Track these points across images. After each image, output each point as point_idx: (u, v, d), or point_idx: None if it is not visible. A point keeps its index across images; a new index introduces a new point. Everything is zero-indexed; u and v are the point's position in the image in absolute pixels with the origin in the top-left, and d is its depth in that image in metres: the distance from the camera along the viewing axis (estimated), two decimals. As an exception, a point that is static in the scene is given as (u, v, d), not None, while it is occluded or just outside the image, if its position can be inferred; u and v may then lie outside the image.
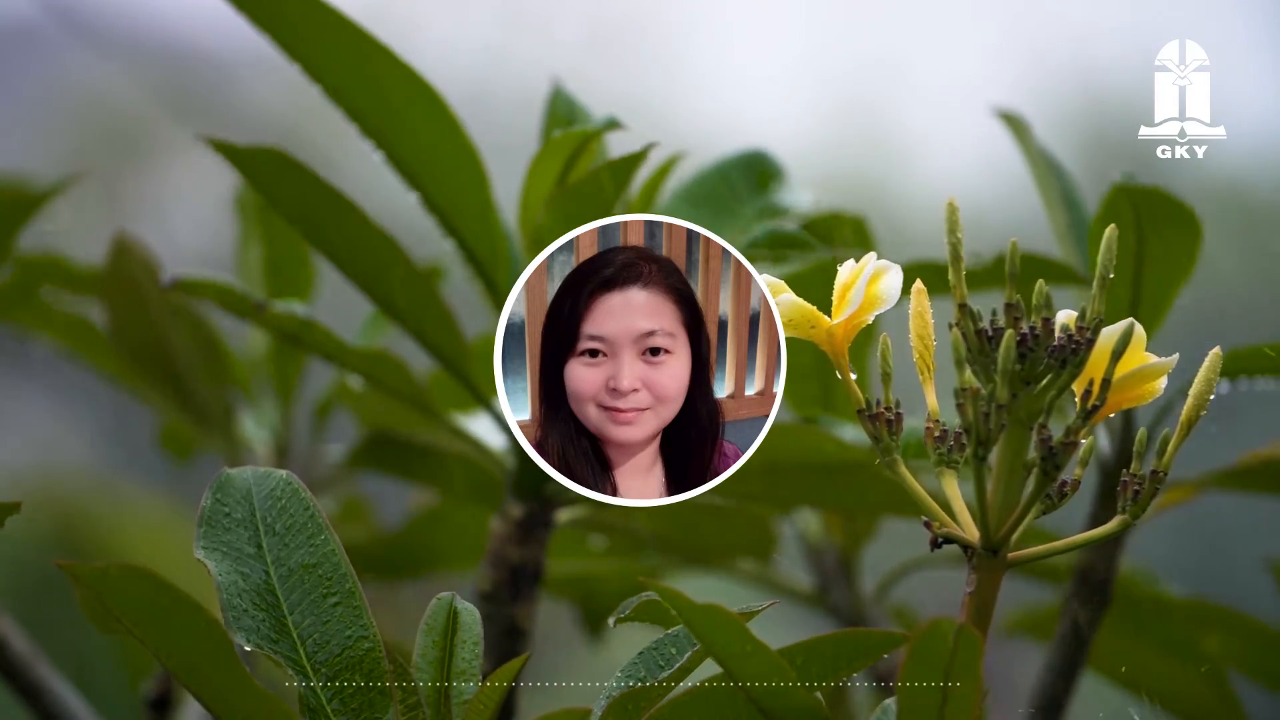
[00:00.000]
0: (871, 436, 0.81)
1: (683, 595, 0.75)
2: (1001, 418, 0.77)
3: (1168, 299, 1.17)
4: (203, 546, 0.81)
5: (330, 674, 0.81)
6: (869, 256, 0.82)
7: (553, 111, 1.21)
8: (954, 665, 0.74)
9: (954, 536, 0.80)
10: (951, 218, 0.80)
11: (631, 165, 1.09)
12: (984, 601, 0.79)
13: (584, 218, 1.08)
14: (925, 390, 0.81)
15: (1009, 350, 0.77)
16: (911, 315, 0.81)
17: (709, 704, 0.78)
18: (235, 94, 2.62)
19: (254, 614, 0.81)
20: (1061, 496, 0.79)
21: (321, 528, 0.83)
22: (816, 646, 0.79)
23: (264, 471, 0.84)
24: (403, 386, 1.21)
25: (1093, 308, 0.79)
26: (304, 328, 1.17)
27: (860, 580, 1.46)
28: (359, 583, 0.82)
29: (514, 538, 1.19)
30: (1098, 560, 1.25)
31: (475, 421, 1.33)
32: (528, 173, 1.15)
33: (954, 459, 0.79)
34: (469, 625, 0.82)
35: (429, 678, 0.81)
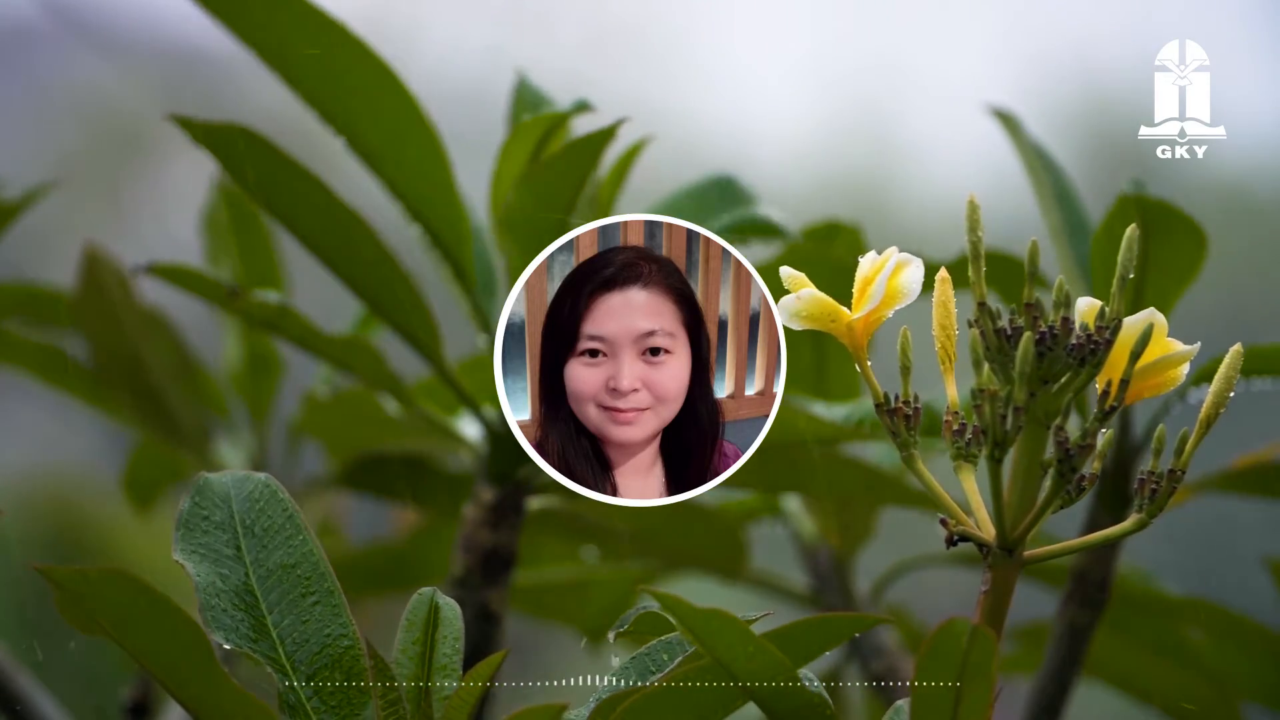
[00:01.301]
0: (890, 431, 0.80)
1: (684, 601, 0.75)
2: (1019, 419, 0.77)
3: (1168, 305, 1.17)
4: (181, 549, 0.81)
5: (309, 672, 0.82)
6: (890, 250, 0.81)
7: (519, 101, 1.20)
8: (968, 664, 0.74)
9: (970, 535, 0.79)
10: (972, 215, 0.79)
11: (599, 142, 1.09)
12: (999, 600, 0.78)
13: (553, 196, 1.08)
14: (946, 381, 0.80)
15: (1027, 350, 0.76)
16: (935, 304, 0.80)
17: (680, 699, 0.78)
18: (234, 93, 2.61)
19: (233, 614, 0.81)
20: (1080, 492, 0.79)
21: (300, 529, 0.84)
22: (790, 632, 0.79)
23: (243, 475, 0.84)
24: (378, 375, 1.20)
25: (1113, 307, 0.78)
26: (279, 315, 1.17)
27: (855, 581, 1.46)
28: (338, 583, 0.82)
29: (486, 522, 1.18)
30: (1095, 561, 1.25)
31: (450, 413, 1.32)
32: (498, 157, 1.14)
33: (973, 453, 0.79)
34: (450, 621, 0.83)
35: (410, 674, 0.81)
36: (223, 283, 1.17)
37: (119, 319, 1.38)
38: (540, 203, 1.10)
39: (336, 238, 1.12)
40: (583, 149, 1.09)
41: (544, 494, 1.20)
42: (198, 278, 1.18)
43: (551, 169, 1.10)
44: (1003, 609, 0.79)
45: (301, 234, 1.13)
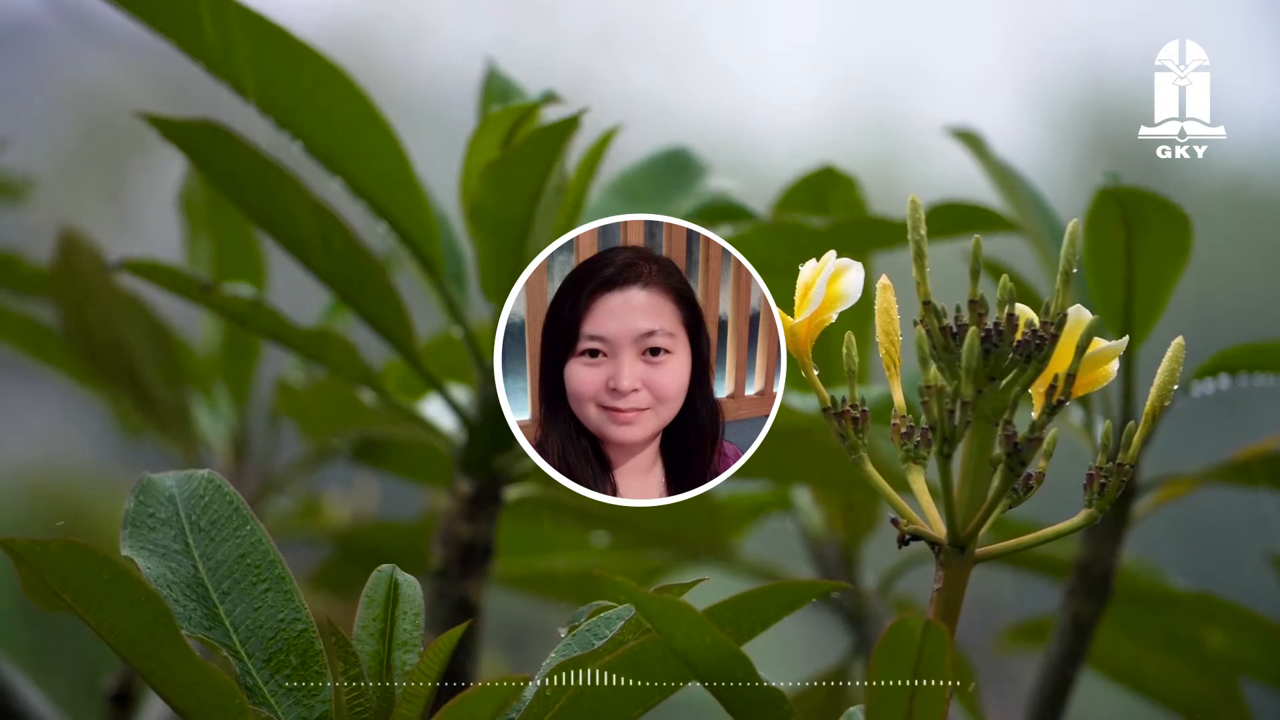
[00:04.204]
0: (838, 435, 0.80)
1: (640, 589, 0.75)
2: (966, 414, 0.77)
3: (1162, 296, 1.16)
4: (130, 545, 0.82)
5: (265, 656, 0.82)
6: (829, 255, 0.82)
7: (488, 91, 1.19)
8: (922, 660, 0.74)
9: (921, 533, 0.79)
10: (914, 215, 0.79)
11: (565, 131, 1.08)
12: (952, 598, 0.79)
13: (519, 186, 1.07)
14: (892, 386, 0.81)
15: (973, 347, 0.77)
16: (877, 311, 0.81)
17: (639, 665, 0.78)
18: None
19: (185, 603, 0.82)
20: (1027, 490, 0.79)
21: (247, 519, 0.84)
22: (744, 601, 0.79)
23: (186, 474, 0.85)
24: (350, 367, 1.19)
25: (1057, 303, 0.78)
26: (251, 309, 1.16)
27: (862, 574, 1.45)
28: (287, 568, 0.83)
29: (464, 514, 1.18)
30: (1098, 554, 1.25)
31: (424, 402, 1.32)
32: (466, 149, 1.14)
33: (921, 454, 0.79)
34: (410, 597, 0.83)
35: (370, 647, 0.81)
36: (195, 278, 1.17)
37: (95, 302, 1.39)
38: (505, 193, 1.10)
39: (306, 230, 1.12)
40: (546, 139, 1.08)
41: (521, 483, 1.20)
42: (171, 273, 1.18)
43: (515, 159, 1.09)
44: (956, 606, 0.79)
45: (271, 227, 1.13)
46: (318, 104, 1.09)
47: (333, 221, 1.11)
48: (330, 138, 1.11)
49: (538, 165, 1.08)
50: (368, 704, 0.80)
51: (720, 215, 1.14)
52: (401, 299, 1.15)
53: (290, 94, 1.09)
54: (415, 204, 1.13)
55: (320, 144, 1.11)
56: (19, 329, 1.47)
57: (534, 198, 1.09)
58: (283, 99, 1.10)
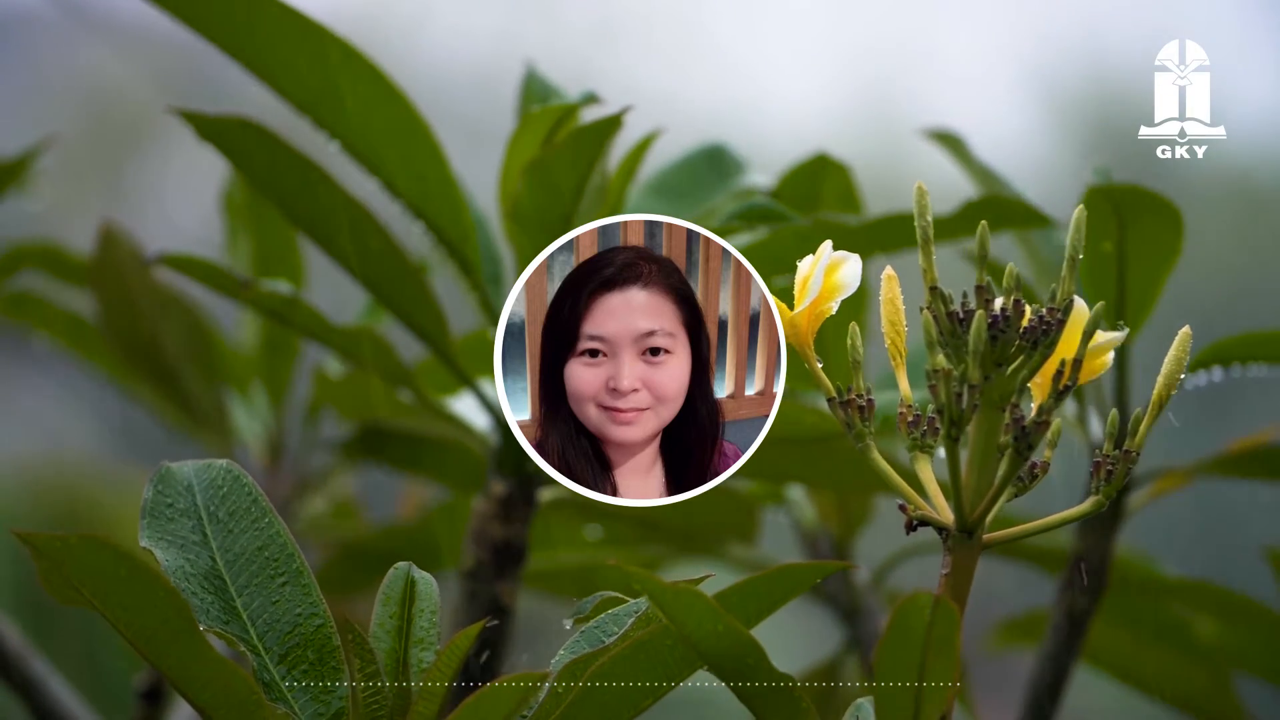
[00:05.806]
0: (844, 424, 0.80)
1: (654, 577, 0.75)
2: (974, 397, 0.77)
3: (1155, 288, 1.17)
4: (147, 536, 0.81)
5: (282, 651, 0.82)
6: (825, 246, 0.82)
7: (527, 92, 1.19)
8: (933, 637, 0.74)
9: (929, 519, 0.80)
10: (921, 202, 0.80)
11: (607, 130, 1.08)
12: (959, 583, 0.79)
13: (561, 185, 1.06)
14: (898, 375, 0.81)
15: (980, 332, 0.77)
16: (883, 302, 0.81)
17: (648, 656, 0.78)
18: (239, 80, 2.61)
19: (202, 596, 0.82)
20: (1033, 478, 0.79)
21: (266, 511, 0.84)
22: (750, 586, 0.79)
23: (204, 463, 0.85)
24: (386, 366, 1.19)
25: (1063, 289, 0.79)
26: (289, 306, 1.16)
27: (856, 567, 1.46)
28: (306, 562, 0.83)
29: (497, 515, 1.18)
30: (1093, 545, 1.25)
31: (459, 401, 1.32)
32: (507, 148, 1.13)
33: (928, 443, 0.79)
34: (427, 594, 0.83)
35: (387, 645, 0.81)
36: (234, 274, 1.17)
37: (134, 298, 1.39)
38: (546, 193, 1.10)
39: (342, 229, 1.11)
40: (587, 138, 1.08)
41: (555, 485, 1.20)
42: (209, 268, 1.17)
43: (556, 159, 1.09)
44: (964, 591, 0.79)
45: (307, 226, 1.13)
46: (356, 103, 1.09)
47: (369, 221, 1.11)
48: (369, 139, 1.10)
49: (580, 164, 1.08)
50: (384, 702, 0.80)
51: (759, 217, 1.14)
52: (437, 300, 1.14)
53: (329, 95, 1.09)
54: (453, 205, 1.12)
55: (358, 143, 1.11)
56: (58, 322, 1.47)
57: (575, 197, 1.09)
58: (321, 100, 1.09)
